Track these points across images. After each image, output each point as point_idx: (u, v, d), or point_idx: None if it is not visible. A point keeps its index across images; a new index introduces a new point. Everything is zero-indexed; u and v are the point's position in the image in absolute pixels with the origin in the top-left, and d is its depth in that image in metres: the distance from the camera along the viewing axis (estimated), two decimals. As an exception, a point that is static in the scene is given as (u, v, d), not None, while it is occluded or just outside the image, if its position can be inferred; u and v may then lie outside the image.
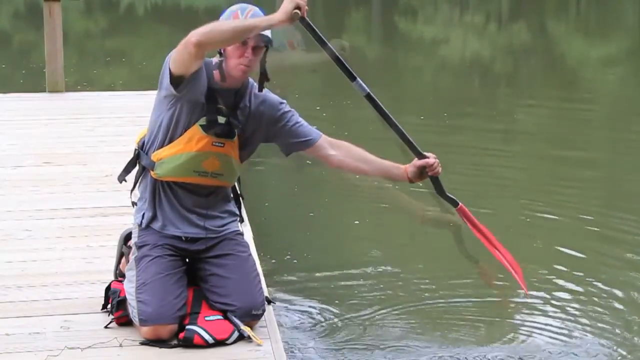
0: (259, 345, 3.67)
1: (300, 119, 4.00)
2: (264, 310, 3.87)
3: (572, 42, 21.48)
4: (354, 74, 3.89)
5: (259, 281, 3.95)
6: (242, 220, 4.10)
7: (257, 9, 3.77)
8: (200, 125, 3.75)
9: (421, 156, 4.01)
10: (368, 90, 3.93)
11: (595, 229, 7.15)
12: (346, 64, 3.85)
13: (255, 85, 3.87)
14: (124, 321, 3.82)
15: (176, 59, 3.64)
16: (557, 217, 7.33)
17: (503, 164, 9.11)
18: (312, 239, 6.59)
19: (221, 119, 3.78)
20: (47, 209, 5.48)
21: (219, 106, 3.78)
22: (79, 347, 3.62)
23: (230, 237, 3.95)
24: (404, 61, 17.97)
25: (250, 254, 4.00)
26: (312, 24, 3.74)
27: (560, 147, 9.91)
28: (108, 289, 3.98)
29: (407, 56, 18.73)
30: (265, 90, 3.92)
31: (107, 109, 8.54)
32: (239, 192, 4.10)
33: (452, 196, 4.11)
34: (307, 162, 7.21)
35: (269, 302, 4.07)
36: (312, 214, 7.33)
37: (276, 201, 7.68)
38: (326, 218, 7.20)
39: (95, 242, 4.89)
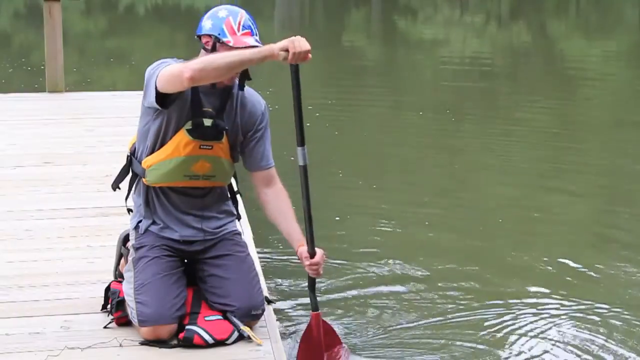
0: (258, 345, 3.67)
1: (268, 139, 3.95)
2: (263, 310, 3.87)
3: (572, 41, 21.50)
4: (304, 141, 3.82)
5: (258, 281, 3.95)
6: (239, 218, 4.10)
7: (245, 13, 3.76)
8: (187, 130, 3.74)
9: (312, 250, 3.91)
10: (307, 163, 3.85)
11: (596, 228, 7.16)
12: (303, 128, 3.79)
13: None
14: (124, 321, 3.83)
15: (165, 83, 3.61)
16: (556, 216, 7.34)
17: (503, 162, 9.12)
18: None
19: (207, 122, 3.76)
20: (48, 209, 5.48)
21: (205, 109, 3.77)
22: (79, 347, 3.62)
23: (228, 238, 3.95)
24: (404, 61, 17.97)
25: (248, 254, 3.99)
26: (298, 76, 3.69)
27: (560, 144, 9.92)
28: (108, 289, 3.98)
29: (407, 56, 18.74)
30: (251, 91, 3.92)
31: (107, 109, 8.55)
32: (235, 190, 4.09)
33: (316, 301, 4.03)
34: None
35: (269, 302, 4.07)
36: (316, 213, 7.32)
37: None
38: (326, 216, 7.20)
39: (96, 242, 4.89)
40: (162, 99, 3.66)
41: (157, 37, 21.88)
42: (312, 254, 3.90)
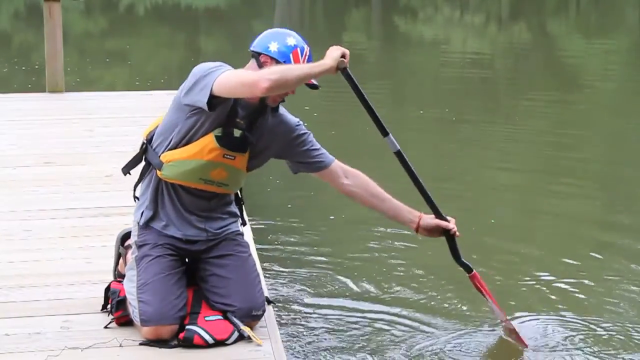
0: (259, 345, 3.67)
1: (315, 142, 4.02)
2: (264, 311, 3.87)
3: (572, 41, 21.51)
4: (387, 130, 3.98)
5: (259, 281, 3.95)
6: (244, 224, 4.11)
7: (307, 46, 3.83)
8: (216, 136, 3.75)
9: (442, 217, 4.14)
10: (398, 148, 4.04)
11: (596, 228, 7.17)
12: (380, 120, 3.94)
13: None
14: (124, 321, 3.83)
15: (228, 88, 3.60)
16: (557, 216, 7.34)
17: (503, 160, 9.13)
18: (313, 238, 6.60)
19: (237, 132, 3.78)
20: (49, 209, 5.48)
21: (238, 120, 3.78)
22: (79, 347, 3.62)
23: (231, 238, 3.95)
24: (404, 60, 17.98)
25: (250, 254, 4.00)
26: (352, 76, 3.81)
27: (561, 144, 9.94)
28: (108, 289, 3.99)
29: (407, 55, 18.75)
30: (282, 110, 3.94)
31: (107, 109, 8.55)
32: (240, 197, 4.10)
33: (467, 262, 4.27)
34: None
35: (269, 302, 4.07)
36: (313, 213, 7.34)
37: (276, 200, 7.68)
38: (327, 217, 7.20)
39: (97, 242, 4.89)
40: (214, 100, 3.66)
41: (156, 37, 21.89)
42: (444, 220, 4.15)
